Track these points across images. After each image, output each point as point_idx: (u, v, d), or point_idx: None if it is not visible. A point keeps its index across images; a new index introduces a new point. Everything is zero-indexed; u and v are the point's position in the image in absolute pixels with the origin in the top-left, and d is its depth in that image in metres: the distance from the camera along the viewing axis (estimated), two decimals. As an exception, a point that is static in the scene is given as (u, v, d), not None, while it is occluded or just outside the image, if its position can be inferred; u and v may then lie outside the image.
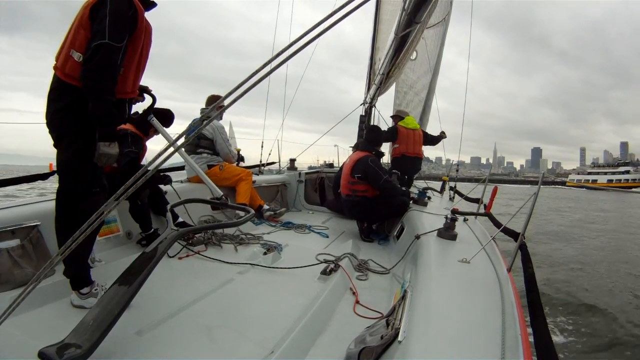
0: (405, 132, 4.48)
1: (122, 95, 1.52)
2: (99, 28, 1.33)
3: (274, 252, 2.40)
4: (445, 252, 1.80)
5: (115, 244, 2.26)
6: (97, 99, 1.35)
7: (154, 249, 1.44)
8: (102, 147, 1.39)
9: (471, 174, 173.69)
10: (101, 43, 1.31)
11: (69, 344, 1.07)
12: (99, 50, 1.32)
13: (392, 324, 1.23)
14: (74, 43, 1.40)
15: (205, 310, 1.58)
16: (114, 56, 1.35)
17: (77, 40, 1.39)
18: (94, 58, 1.32)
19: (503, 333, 0.96)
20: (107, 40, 1.31)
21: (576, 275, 5.37)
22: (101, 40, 1.32)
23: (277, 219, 3.62)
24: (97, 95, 1.35)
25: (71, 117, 1.41)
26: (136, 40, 1.47)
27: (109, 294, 1.24)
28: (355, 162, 3.16)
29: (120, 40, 1.36)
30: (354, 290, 1.86)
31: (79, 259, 1.53)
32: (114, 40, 1.33)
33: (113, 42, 1.33)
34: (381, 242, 3.07)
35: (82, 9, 1.40)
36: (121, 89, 1.49)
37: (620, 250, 7.78)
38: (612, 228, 11.46)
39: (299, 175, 4.69)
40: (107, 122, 1.40)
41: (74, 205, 1.48)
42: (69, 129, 1.42)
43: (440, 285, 1.32)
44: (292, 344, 1.28)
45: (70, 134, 1.43)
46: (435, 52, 6.44)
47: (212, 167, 3.42)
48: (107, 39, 1.32)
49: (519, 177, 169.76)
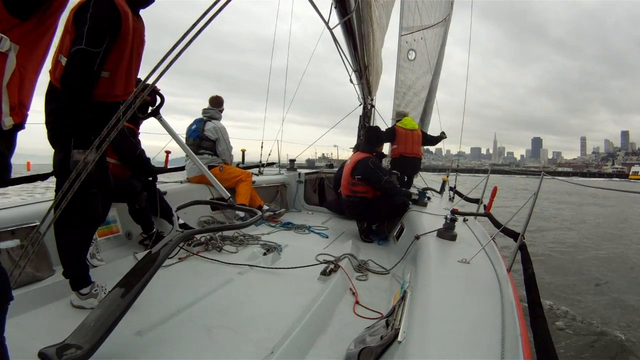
0: (404, 133, 4.49)
1: (113, 99, 1.51)
2: (79, 33, 1.32)
3: (273, 253, 2.40)
4: (445, 252, 1.81)
5: (115, 244, 2.26)
6: (71, 105, 1.33)
7: (158, 251, 1.44)
8: (75, 155, 1.37)
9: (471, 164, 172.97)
10: (77, 49, 1.30)
11: (70, 344, 1.07)
12: (75, 57, 1.31)
13: (392, 324, 1.23)
14: (62, 48, 1.40)
15: (205, 311, 1.58)
16: (90, 62, 1.33)
17: (64, 45, 1.40)
18: (70, 64, 1.32)
19: (503, 333, 0.96)
20: (83, 45, 1.30)
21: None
22: (78, 46, 1.30)
23: (276, 220, 3.62)
24: (71, 101, 1.33)
25: (63, 120, 1.41)
26: (122, 43, 1.45)
27: (111, 296, 1.25)
28: (355, 163, 3.16)
29: (98, 45, 1.34)
30: (353, 291, 1.86)
31: (74, 260, 1.53)
32: (90, 46, 1.31)
33: (89, 48, 1.31)
34: (381, 242, 3.08)
35: (69, 14, 1.40)
36: (111, 92, 1.49)
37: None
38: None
39: (298, 176, 4.69)
40: (81, 130, 1.37)
41: (70, 204, 1.49)
42: (61, 131, 1.42)
43: (440, 286, 1.33)
44: (292, 345, 1.28)
45: (64, 136, 1.43)
46: (435, 52, 6.44)
47: (212, 168, 3.43)
48: (83, 44, 1.30)
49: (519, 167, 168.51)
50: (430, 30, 6.44)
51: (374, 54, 2.90)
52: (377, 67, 3.41)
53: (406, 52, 6.58)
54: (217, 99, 3.61)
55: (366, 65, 3.16)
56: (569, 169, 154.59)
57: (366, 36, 2.51)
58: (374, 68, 3.33)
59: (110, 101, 1.50)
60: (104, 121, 1.53)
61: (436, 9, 6.39)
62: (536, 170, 62.07)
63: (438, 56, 6.45)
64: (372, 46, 2.66)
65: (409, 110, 6.06)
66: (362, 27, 2.40)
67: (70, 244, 1.51)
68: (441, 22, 6.40)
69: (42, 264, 1.72)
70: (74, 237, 1.51)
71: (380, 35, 2.89)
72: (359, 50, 2.81)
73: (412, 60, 6.56)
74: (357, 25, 2.37)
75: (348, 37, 2.60)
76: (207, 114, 3.51)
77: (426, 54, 6.39)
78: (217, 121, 3.51)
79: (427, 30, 6.44)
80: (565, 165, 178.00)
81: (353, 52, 2.87)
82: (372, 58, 2.95)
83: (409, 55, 6.57)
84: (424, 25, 6.42)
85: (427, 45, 6.40)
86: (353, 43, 2.70)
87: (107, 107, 1.50)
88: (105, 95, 1.47)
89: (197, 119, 3.57)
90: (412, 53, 6.54)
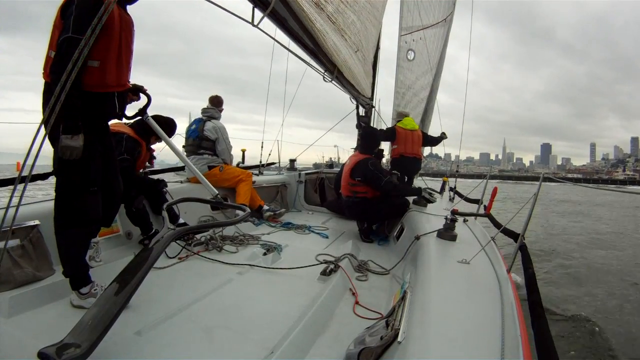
0: (404, 133, 4.50)
1: (105, 89, 1.51)
2: (66, 25, 1.34)
3: (273, 253, 2.41)
4: (445, 252, 1.80)
5: (115, 244, 2.26)
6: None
7: (150, 248, 1.44)
8: (64, 140, 1.37)
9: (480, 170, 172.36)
10: (64, 38, 1.32)
11: (69, 343, 1.07)
12: (63, 45, 1.32)
13: (392, 324, 1.23)
14: (52, 44, 1.41)
15: (205, 311, 1.58)
16: (76, 49, 1.30)
17: (53, 41, 1.41)
18: (58, 53, 1.33)
19: (503, 333, 0.96)
20: (70, 34, 1.31)
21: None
22: (65, 34, 1.32)
23: (277, 220, 3.62)
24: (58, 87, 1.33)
25: None
26: (108, 31, 1.44)
27: (106, 294, 1.24)
28: (354, 164, 3.16)
29: (84, 32, 1.31)
30: (353, 291, 1.86)
31: (74, 259, 1.53)
32: (76, 33, 1.31)
33: (75, 35, 1.31)
34: (381, 242, 3.08)
35: (57, 11, 1.42)
36: (101, 82, 1.48)
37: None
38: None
39: (298, 176, 4.69)
40: (69, 115, 1.37)
41: (69, 204, 1.49)
42: (58, 129, 1.40)
43: (440, 286, 1.32)
44: (292, 345, 1.28)
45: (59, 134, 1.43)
46: (436, 52, 6.42)
47: (213, 168, 3.42)
48: (70, 32, 1.31)
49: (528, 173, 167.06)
50: (429, 30, 6.43)
51: (334, 52, 2.79)
52: (350, 66, 3.28)
53: (405, 52, 6.58)
54: (216, 98, 3.59)
55: (333, 63, 3.04)
56: (579, 175, 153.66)
57: (314, 32, 2.39)
58: (347, 67, 3.20)
59: (103, 91, 1.50)
60: (97, 111, 1.54)
61: (435, 9, 6.39)
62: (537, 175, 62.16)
63: (440, 56, 6.45)
64: (324, 42, 2.56)
65: (408, 110, 6.06)
66: (306, 24, 2.27)
67: (69, 244, 1.51)
68: (441, 22, 6.39)
69: (42, 263, 1.72)
70: (73, 237, 1.51)
71: (335, 32, 2.75)
72: (311, 47, 2.71)
73: (411, 60, 6.56)
74: (296, 22, 2.24)
75: (289, 35, 2.51)
76: (207, 114, 3.49)
77: (426, 54, 6.38)
78: (217, 121, 3.49)
79: (427, 30, 6.43)
80: (574, 171, 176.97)
81: (305, 49, 2.79)
82: (332, 55, 2.83)
83: (408, 55, 6.57)
84: (423, 25, 6.41)
85: (427, 45, 6.40)
86: (298, 40, 2.60)
87: (100, 97, 1.50)
88: (97, 86, 1.47)
89: (197, 118, 3.56)
90: (411, 53, 6.53)
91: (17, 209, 1.17)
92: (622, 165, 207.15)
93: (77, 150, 1.40)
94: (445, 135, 5.04)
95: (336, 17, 2.77)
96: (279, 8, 2.12)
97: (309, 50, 2.89)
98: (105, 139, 1.65)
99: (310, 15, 2.26)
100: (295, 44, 2.78)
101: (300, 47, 2.85)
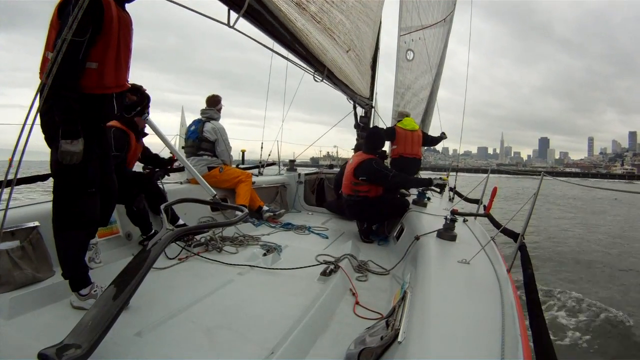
0: (403, 133, 4.50)
1: (103, 90, 1.49)
2: (63, 25, 1.30)
3: (273, 253, 2.41)
4: (444, 253, 1.80)
5: (115, 245, 2.26)
6: (55, 95, 1.31)
7: (149, 249, 1.44)
8: (63, 145, 1.36)
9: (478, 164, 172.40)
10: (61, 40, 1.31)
11: (69, 344, 1.07)
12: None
13: (392, 324, 1.23)
14: (49, 44, 1.40)
15: (205, 312, 1.58)
16: (74, 51, 1.31)
17: (50, 41, 1.39)
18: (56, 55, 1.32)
19: (503, 333, 0.96)
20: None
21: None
22: None
23: (276, 220, 3.62)
24: (55, 91, 1.30)
25: (55, 119, 1.40)
26: (107, 32, 1.43)
27: (106, 295, 1.24)
28: (358, 163, 3.15)
29: (82, 34, 1.32)
30: (353, 291, 1.87)
31: (73, 261, 1.53)
32: (74, 35, 1.27)
33: (73, 37, 1.27)
34: (381, 243, 3.08)
35: (53, 10, 1.40)
36: (99, 83, 1.47)
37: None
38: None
39: (298, 177, 4.69)
40: (67, 119, 1.36)
41: (67, 206, 1.48)
42: (56, 131, 1.40)
43: (440, 286, 1.33)
44: (292, 345, 1.28)
45: (58, 136, 1.41)
46: (436, 52, 6.42)
47: (212, 169, 3.42)
48: None
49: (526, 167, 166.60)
50: (429, 30, 6.43)
51: (321, 51, 2.76)
52: (340, 65, 3.25)
53: (404, 52, 6.58)
54: (214, 98, 3.57)
55: (322, 63, 3.01)
56: (577, 169, 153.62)
57: (295, 32, 2.35)
58: (336, 66, 3.17)
59: (101, 93, 1.49)
60: (96, 113, 1.52)
61: (434, 9, 6.39)
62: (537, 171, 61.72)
63: (441, 57, 6.44)
64: (307, 41, 2.52)
65: (408, 110, 6.07)
66: (286, 24, 2.23)
67: (68, 245, 1.51)
68: (440, 22, 6.40)
69: (42, 265, 1.72)
70: (72, 239, 1.50)
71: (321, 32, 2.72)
72: (297, 47, 2.68)
73: (411, 60, 6.57)
74: (275, 21, 2.19)
75: (269, 35, 2.47)
76: (206, 115, 3.49)
77: (425, 54, 6.38)
78: (216, 121, 3.49)
79: (426, 30, 6.44)
80: (572, 165, 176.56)
81: (288, 49, 2.76)
82: (320, 55, 2.80)
83: (407, 55, 6.57)
84: (422, 25, 6.42)
85: (426, 45, 6.40)
86: (280, 40, 2.56)
87: (98, 99, 1.49)
88: (94, 87, 1.46)
89: (196, 119, 3.56)
90: (411, 53, 6.54)
91: (5, 212, 1.17)
92: (620, 160, 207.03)
93: (77, 155, 1.39)
94: (445, 136, 5.04)
95: (321, 16, 2.75)
96: (255, 8, 2.06)
97: (292, 49, 2.86)
98: (102, 140, 1.64)
99: (289, 15, 2.22)
100: (279, 44, 2.74)
101: (284, 47, 2.82)
